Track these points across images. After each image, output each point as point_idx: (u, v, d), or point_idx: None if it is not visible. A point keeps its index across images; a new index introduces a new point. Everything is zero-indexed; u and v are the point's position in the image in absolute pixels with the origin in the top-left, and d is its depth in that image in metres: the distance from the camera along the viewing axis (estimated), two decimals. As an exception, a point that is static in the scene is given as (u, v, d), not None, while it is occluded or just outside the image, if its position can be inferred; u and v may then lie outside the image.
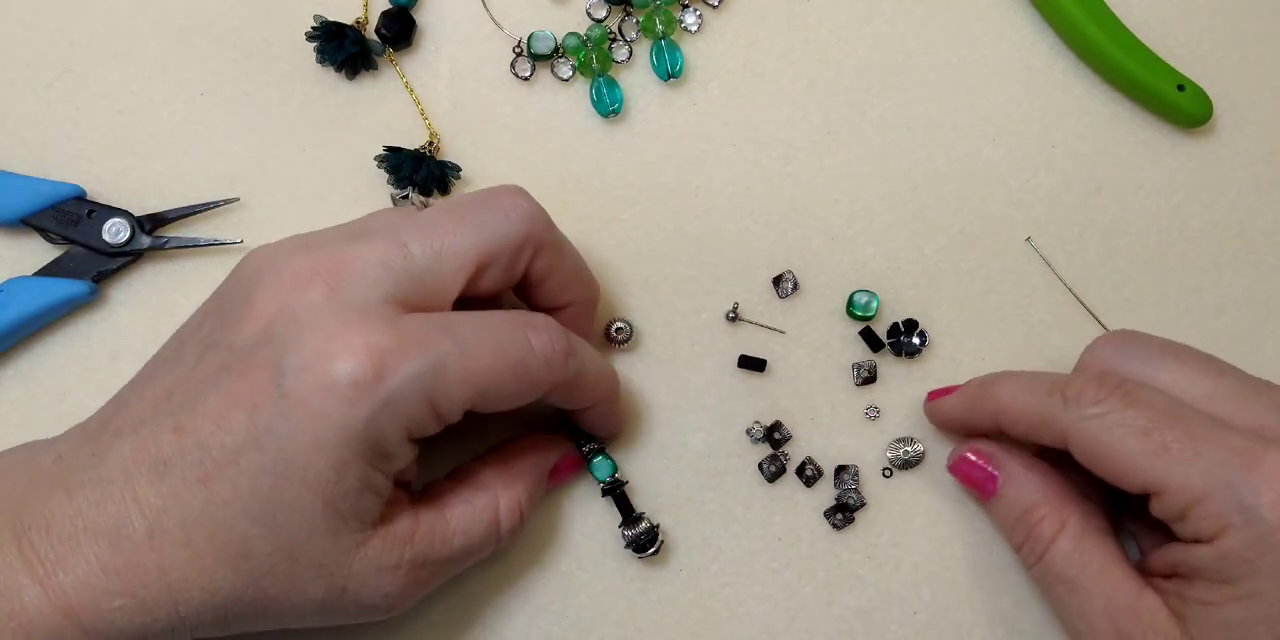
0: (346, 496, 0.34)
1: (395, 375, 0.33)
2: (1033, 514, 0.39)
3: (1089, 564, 0.38)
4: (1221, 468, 0.34)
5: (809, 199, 0.46)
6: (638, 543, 0.42)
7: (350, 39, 0.45)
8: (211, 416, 0.33)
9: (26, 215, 0.44)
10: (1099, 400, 0.37)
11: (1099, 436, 0.36)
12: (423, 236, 0.36)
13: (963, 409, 0.42)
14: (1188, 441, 0.35)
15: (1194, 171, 0.47)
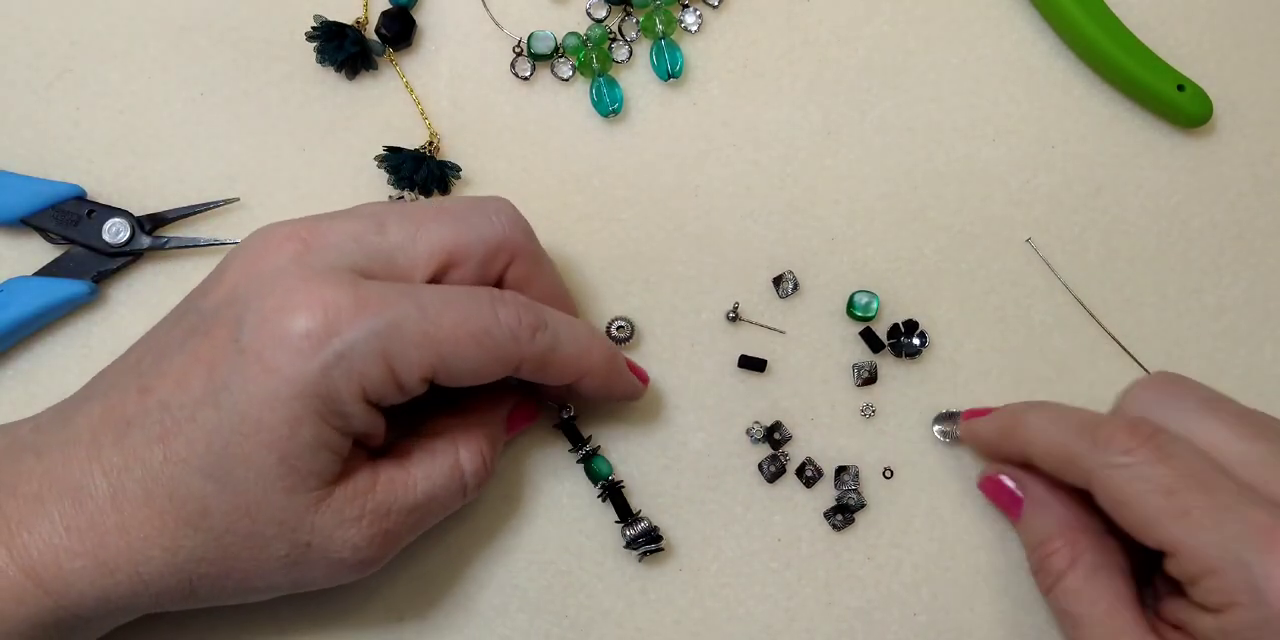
0: (301, 453, 0.34)
1: (350, 329, 0.33)
2: (1048, 545, 0.39)
3: (1096, 603, 0.37)
4: (1238, 543, 0.33)
5: (809, 199, 0.46)
6: (637, 542, 0.42)
7: (350, 39, 0.45)
8: (174, 376, 0.34)
9: (26, 215, 0.44)
10: (1129, 450, 0.36)
11: (1122, 488, 0.36)
12: (402, 219, 0.37)
13: (994, 434, 0.42)
14: (1210, 509, 0.34)
15: (1194, 172, 0.47)
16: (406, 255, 0.36)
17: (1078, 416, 0.39)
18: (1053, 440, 0.38)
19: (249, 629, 0.42)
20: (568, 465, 0.44)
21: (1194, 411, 0.37)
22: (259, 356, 0.33)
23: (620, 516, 0.43)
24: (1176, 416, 0.37)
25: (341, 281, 0.34)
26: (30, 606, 0.33)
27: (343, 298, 0.33)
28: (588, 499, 0.43)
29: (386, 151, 0.45)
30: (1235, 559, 0.33)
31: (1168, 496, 0.35)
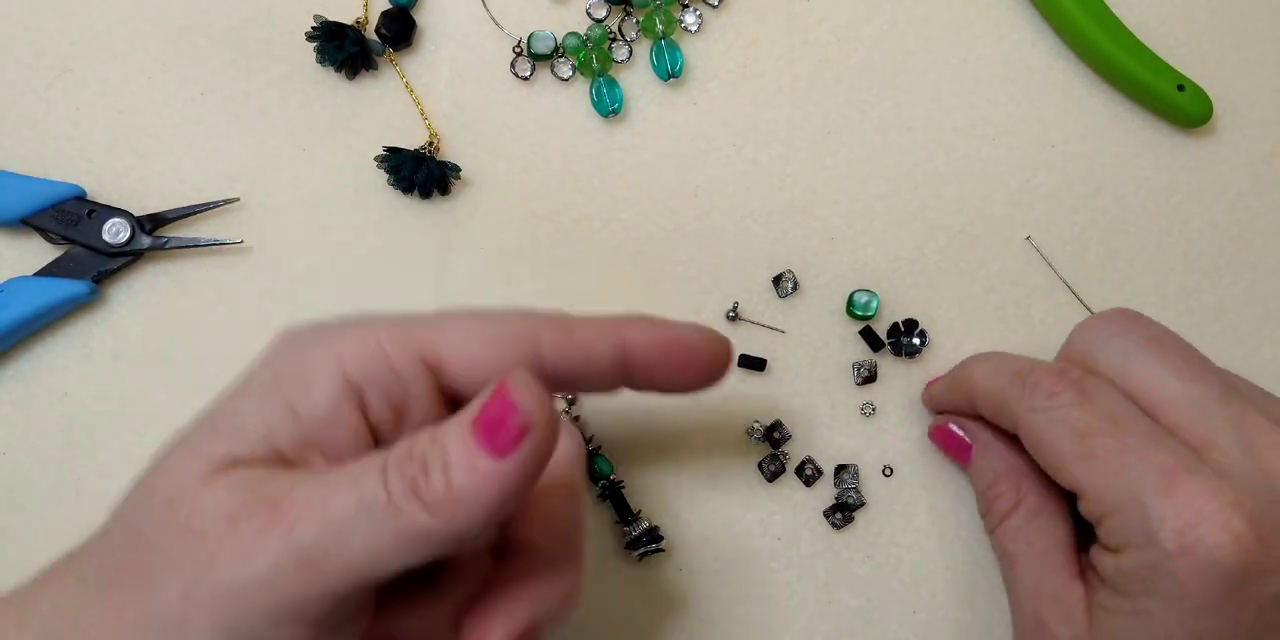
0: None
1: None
2: (995, 488, 0.40)
3: (1033, 543, 0.38)
4: (1138, 485, 0.34)
5: (809, 199, 0.46)
6: (638, 543, 0.42)
7: (350, 39, 0.45)
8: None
9: (26, 215, 0.44)
10: (1052, 394, 0.36)
11: (1040, 431, 0.37)
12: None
13: (944, 389, 0.43)
14: (1116, 452, 0.34)
15: (1194, 171, 0.47)
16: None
17: (1016, 364, 0.39)
18: (990, 386, 0.39)
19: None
20: (568, 465, 0.44)
21: (1138, 348, 0.37)
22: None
23: (620, 516, 0.43)
24: (1119, 351, 0.37)
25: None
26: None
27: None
28: (587, 500, 0.43)
29: (386, 151, 0.45)
30: (1133, 500, 0.34)
31: (1079, 439, 0.35)
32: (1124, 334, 0.38)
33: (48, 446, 0.44)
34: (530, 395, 0.27)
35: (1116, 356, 0.37)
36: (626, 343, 0.33)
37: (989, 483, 0.41)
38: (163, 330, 0.45)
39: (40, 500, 0.43)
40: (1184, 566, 0.33)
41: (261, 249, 0.45)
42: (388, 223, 0.46)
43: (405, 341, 0.31)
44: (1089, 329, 0.39)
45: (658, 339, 0.33)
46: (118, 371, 0.44)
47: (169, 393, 0.44)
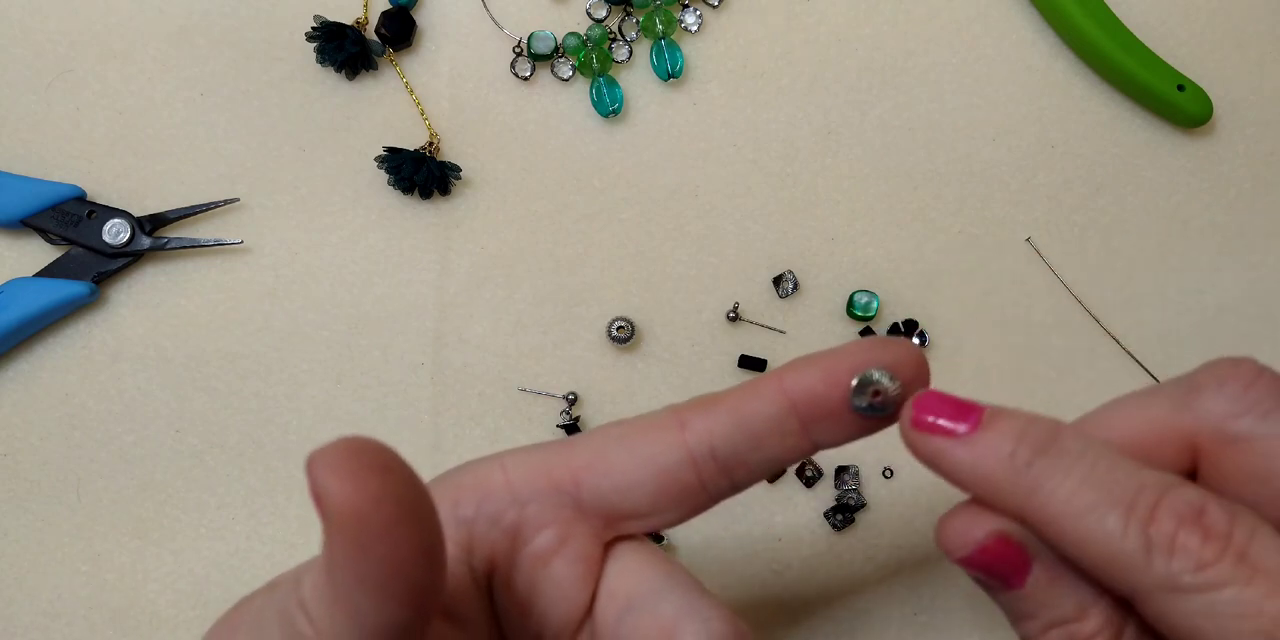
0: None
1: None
2: (1083, 623, 0.27)
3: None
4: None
5: (809, 199, 0.46)
6: (638, 543, 0.42)
7: (350, 39, 0.45)
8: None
9: (26, 216, 0.44)
10: (1202, 563, 0.25)
11: (1192, 621, 0.25)
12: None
13: (980, 482, 0.28)
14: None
15: (1194, 172, 0.47)
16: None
17: (1117, 485, 0.26)
18: (1088, 529, 0.26)
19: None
20: (568, 465, 0.44)
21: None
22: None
23: (621, 517, 0.43)
24: (1269, 429, 0.27)
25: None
26: None
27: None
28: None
29: (386, 152, 0.45)
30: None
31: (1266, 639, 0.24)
32: (1274, 408, 0.27)
33: (49, 447, 0.44)
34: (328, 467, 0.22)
35: (1266, 433, 0.27)
36: (787, 390, 0.28)
37: (1067, 616, 0.27)
38: (163, 330, 0.45)
39: (42, 501, 0.43)
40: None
41: (261, 249, 0.45)
42: (388, 223, 0.46)
43: (537, 470, 0.28)
44: (1226, 395, 0.28)
45: (825, 373, 0.28)
46: (118, 372, 0.44)
47: (169, 393, 0.44)
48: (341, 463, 0.21)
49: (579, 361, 0.45)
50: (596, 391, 0.44)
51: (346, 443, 0.22)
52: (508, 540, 0.27)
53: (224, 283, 0.45)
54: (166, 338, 0.45)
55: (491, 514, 0.27)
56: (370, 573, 0.22)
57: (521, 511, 0.27)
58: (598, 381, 0.45)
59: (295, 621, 0.24)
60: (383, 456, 0.22)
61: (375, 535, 0.22)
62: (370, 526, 0.21)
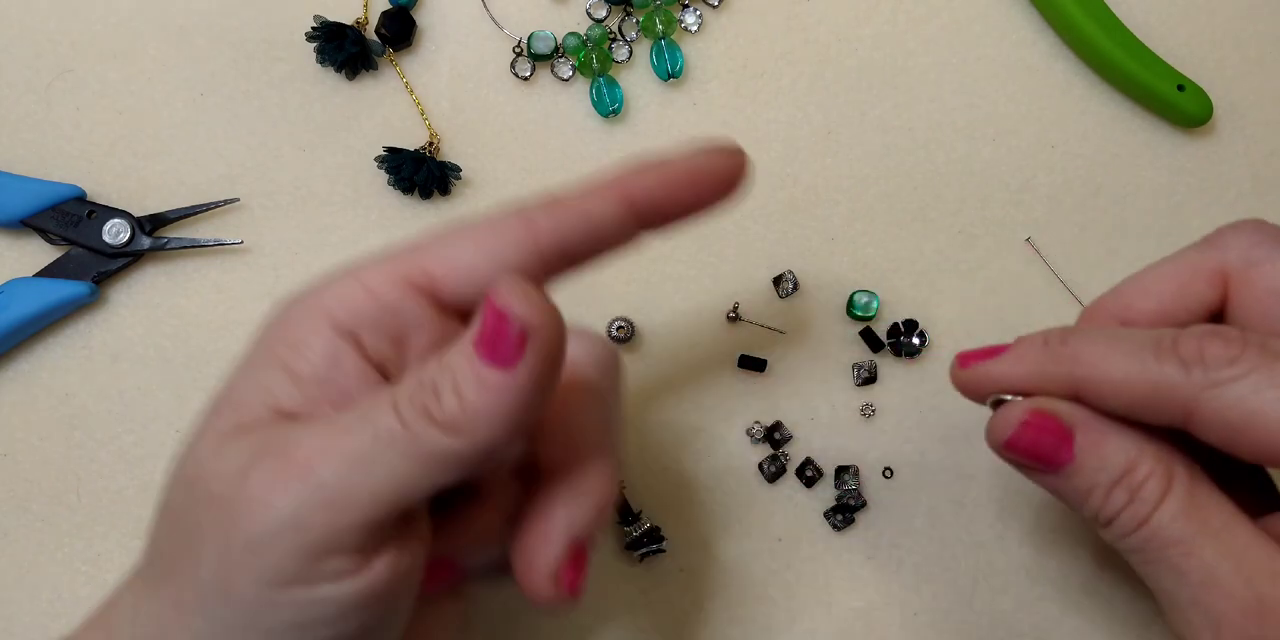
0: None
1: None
2: (1132, 473, 0.31)
3: (1208, 521, 0.30)
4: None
5: (809, 199, 0.46)
6: (639, 543, 0.42)
7: (350, 39, 0.45)
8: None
9: (27, 216, 0.44)
10: (1233, 359, 0.29)
11: (1244, 404, 0.28)
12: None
13: (1027, 375, 0.32)
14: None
15: (1194, 171, 0.47)
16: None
17: (1141, 339, 0.31)
18: (1126, 373, 0.30)
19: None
20: (568, 465, 0.44)
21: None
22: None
23: (621, 517, 0.43)
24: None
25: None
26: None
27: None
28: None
29: (386, 152, 0.45)
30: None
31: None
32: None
33: (49, 447, 0.44)
34: (521, 300, 0.27)
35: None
36: (629, 196, 0.31)
37: (1122, 469, 0.31)
38: (163, 330, 0.45)
39: (42, 501, 0.43)
40: None
41: (261, 249, 0.45)
42: (388, 223, 0.46)
43: (389, 273, 0.30)
44: (1243, 233, 0.33)
45: (662, 181, 0.32)
46: (118, 372, 0.44)
47: (169, 393, 0.44)
48: (531, 293, 0.27)
49: (579, 361, 0.45)
50: (596, 391, 0.44)
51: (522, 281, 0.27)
52: (392, 347, 0.30)
53: (224, 283, 0.45)
54: (166, 338, 0.45)
55: (372, 325, 0.30)
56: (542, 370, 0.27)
57: (395, 318, 0.30)
58: (598, 381, 0.45)
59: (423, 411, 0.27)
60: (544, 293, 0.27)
61: (559, 348, 0.27)
62: (558, 343, 0.27)
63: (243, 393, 0.30)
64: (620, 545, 0.43)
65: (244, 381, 0.30)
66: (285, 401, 0.30)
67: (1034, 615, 0.43)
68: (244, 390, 0.30)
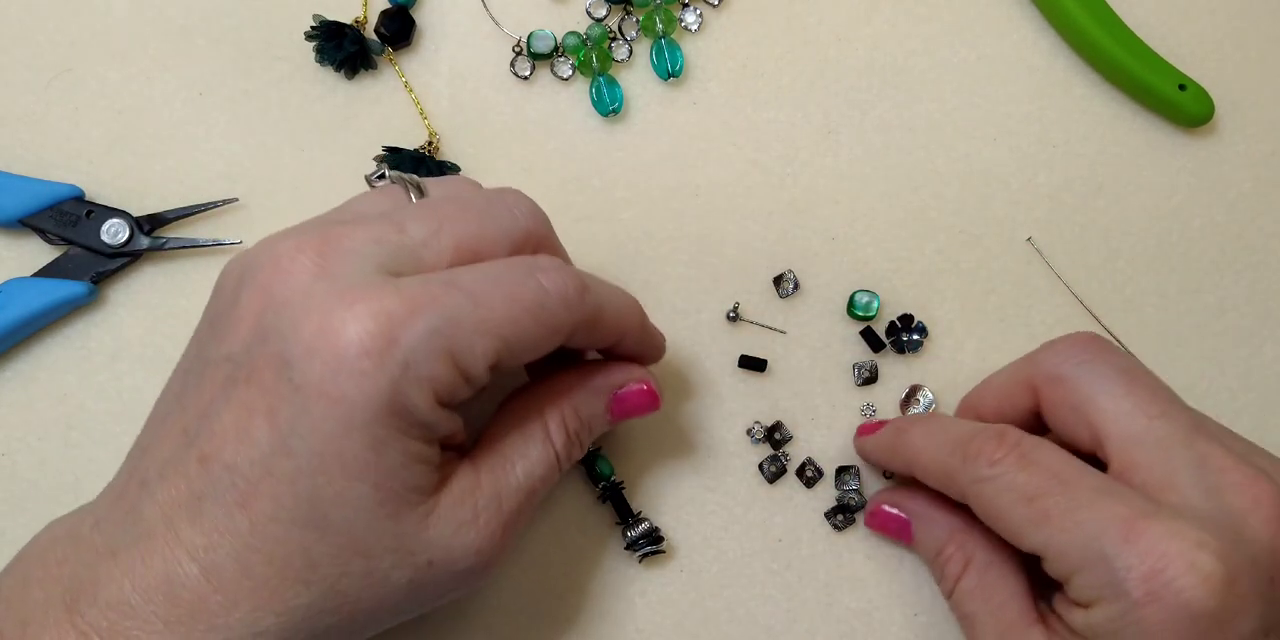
0: (394, 475, 0.31)
1: (408, 335, 0.30)
2: (942, 553, 0.40)
3: (989, 599, 0.38)
4: (1098, 539, 0.33)
5: (809, 199, 0.46)
6: (638, 544, 0.42)
7: (349, 38, 0.45)
8: (231, 435, 0.31)
9: (25, 216, 0.44)
10: (994, 461, 0.36)
11: (989, 501, 0.36)
12: (421, 217, 0.34)
13: (882, 452, 0.42)
14: (1069, 510, 0.34)
15: (1195, 171, 0.47)
16: (432, 251, 0.33)
17: (954, 431, 0.38)
18: (931, 459, 0.39)
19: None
20: (568, 466, 0.44)
21: (1107, 378, 0.37)
22: (320, 390, 0.30)
23: (621, 517, 0.43)
24: (1088, 379, 0.37)
25: (377, 286, 0.31)
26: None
27: (388, 302, 0.30)
28: (587, 500, 0.43)
29: (386, 151, 0.45)
30: (1096, 555, 0.33)
31: (1029, 503, 0.35)
32: (1094, 362, 0.37)
33: (47, 448, 0.44)
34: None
35: (1084, 384, 0.37)
36: (619, 342, 0.38)
37: (936, 550, 0.40)
38: (162, 330, 0.45)
39: (41, 501, 0.43)
40: (1153, 614, 0.32)
41: (261, 249, 0.45)
42: (387, 223, 0.46)
43: (484, 358, 0.32)
44: (1058, 351, 0.38)
45: (636, 347, 0.39)
46: (117, 372, 0.44)
47: (168, 393, 0.44)
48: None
49: (579, 361, 0.45)
50: (596, 392, 0.44)
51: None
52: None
53: (223, 283, 0.45)
54: (165, 338, 0.44)
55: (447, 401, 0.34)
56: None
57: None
58: (597, 382, 0.44)
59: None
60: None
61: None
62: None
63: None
64: (620, 546, 0.43)
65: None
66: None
67: (1035, 616, 0.43)
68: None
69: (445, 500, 0.33)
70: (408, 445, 0.32)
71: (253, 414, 0.31)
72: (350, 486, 0.31)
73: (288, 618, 0.32)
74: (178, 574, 0.31)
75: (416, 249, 0.33)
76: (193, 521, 0.31)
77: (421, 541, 0.33)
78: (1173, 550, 0.32)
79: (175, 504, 0.32)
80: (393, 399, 0.30)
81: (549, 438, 0.36)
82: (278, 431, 0.31)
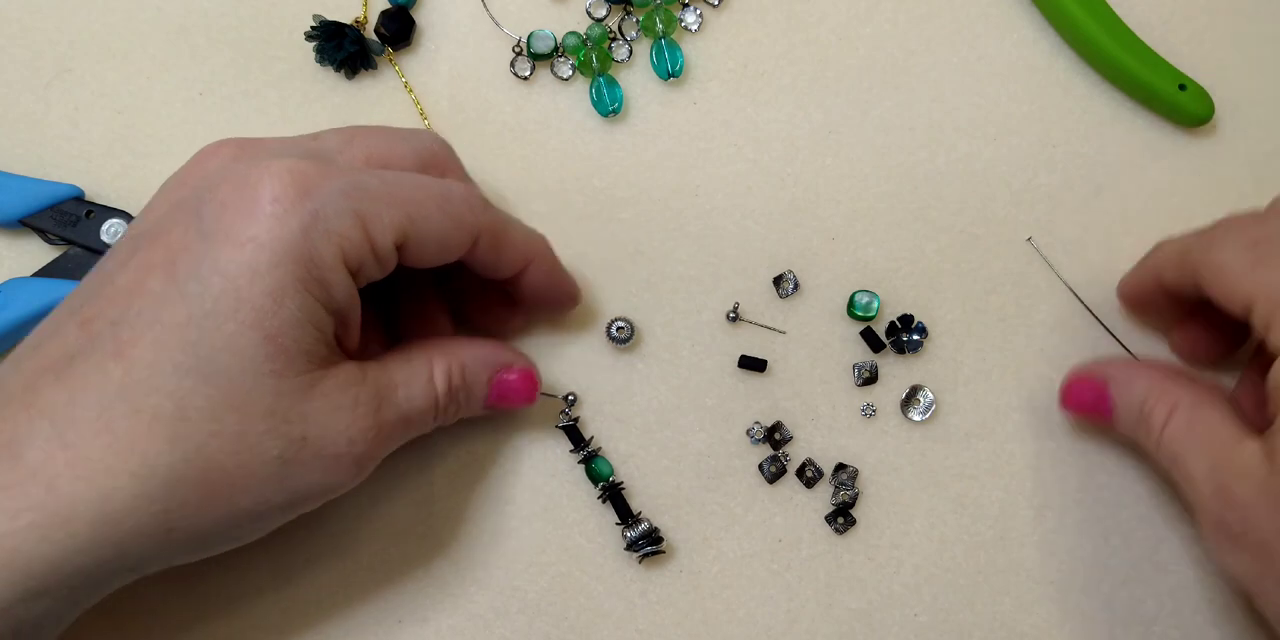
0: (287, 329, 0.31)
1: (320, 189, 0.32)
2: (1145, 405, 0.39)
3: (1197, 433, 0.37)
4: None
5: (809, 199, 0.46)
6: (638, 544, 0.42)
7: (349, 38, 0.45)
8: (122, 293, 0.31)
9: (25, 216, 0.44)
10: (1228, 224, 0.38)
11: (1216, 255, 0.37)
12: (335, 131, 0.37)
13: (1135, 274, 0.43)
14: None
15: (1195, 171, 0.47)
16: (344, 157, 0.36)
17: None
18: (1175, 248, 0.40)
19: (246, 632, 0.42)
20: (567, 467, 0.44)
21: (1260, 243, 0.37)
22: (228, 234, 0.31)
23: (621, 518, 0.43)
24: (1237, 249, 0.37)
25: (293, 157, 0.33)
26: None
27: (302, 165, 0.32)
28: (587, 500, 0.43)
29: (386, 151, 0.45)
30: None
31: (1252, 248, 0.36)
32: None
33: (47, 448, 0.44)
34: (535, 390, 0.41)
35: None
36: (529, 269, 0.39)
37: (1138, 406, 0.39)
38: (162, 331, 0.45)
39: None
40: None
41: (261, 249, 0.45)
42: (387, 223, 0.46)
43: (391, 227, 0.34)
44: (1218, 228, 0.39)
45: (547, 279, 0.40)
46: (117, 372, 0.44)
47: (168, 394, 0.44)
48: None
49: (579, 361, 0.45)
50: (596, 391, 0.44)
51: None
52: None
53: (223, 283, 0.45)
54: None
55: (357, 273, 0.34)
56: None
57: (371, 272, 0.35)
58: (598, 381, 0.44)
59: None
60: None
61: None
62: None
63: (296, 327, 0.32)
64: (620, 546, 0.43)
65: (290, 309, 0.32)
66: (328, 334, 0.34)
67: (1034, 615, 0.43)
68: (296, 324, 0.32)
69: (329, 381, 0.33)
70: (305, 301, 0.32)
71: (150, 269, 0.32)
72: (242, 332, 0.31)
73: (143, 483, 0.30)
74: (24, 433, 0.30)
75: (329, 154, 0.35)
76: (57, 380, 0.31)
77: (298, 412, 0.32)
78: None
79: (42, 369, 0.31)
80: (299, 245, 0.31)
81: (432, 379, 0.37)
82: (175, 279, 0.31)
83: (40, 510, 0.29)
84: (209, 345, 0.31)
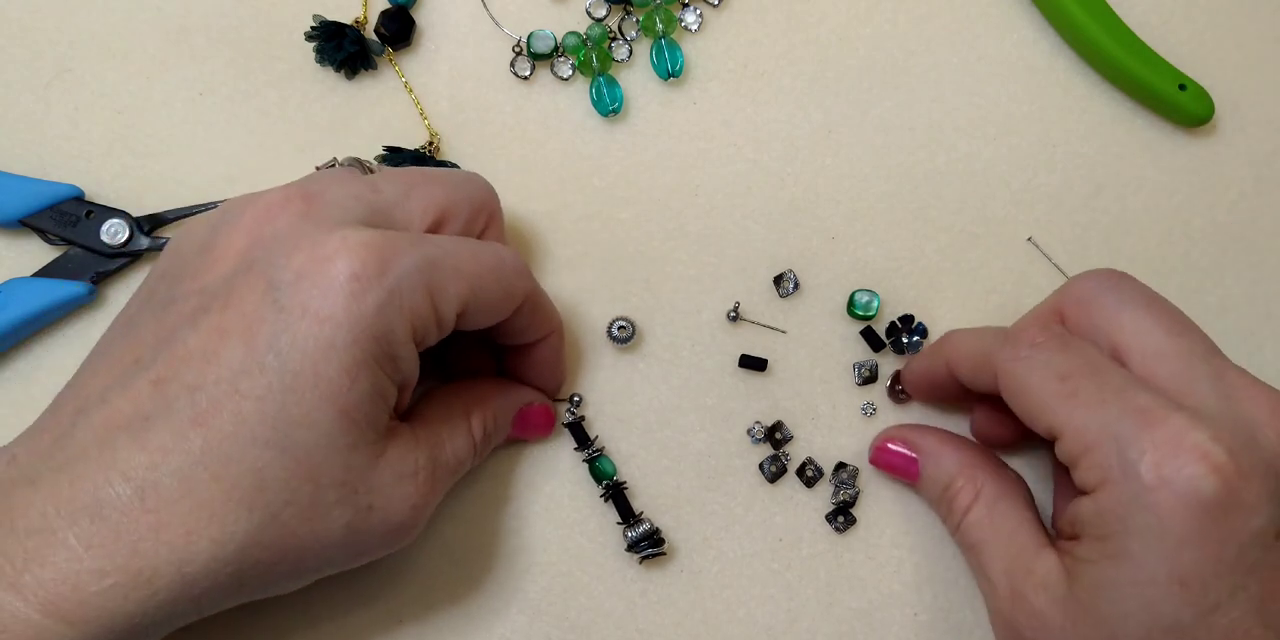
0: (361, 404, 0.33)
1: (397, 265, 0.33)
2: (952, 487, 0.40)
3: (999, 528, 0.39)
4: (1118, 422, 0.34)
5: (809, 199, 0.46)
6: (639, 545, 0.42)
7: (349, 38, 0.45)
8: (196, 357, 0.32)
9: (25, 216, 0.44)
10: (1035, 344, 0.37)
11: (1022, 376, 0.37)
12: (392, 179, 0.37)
13: (924, 361, 0.43)
14: (1097, 392, 0.35)
15: (1195, 171, 0.47)
16: (403, 211, 0.36)
17: (996, 329, 0.41)
18: (970, 347, 0.40)
19: (246, 632, 0.42)
20: (568, 467, 0.44)
21: (1131, 302, 0.37)
22: (306, 309, 0.31)
23: (622, 518, 0.43)
24: (1113, 302, 0.37)
25: (364, 229, 0.33)
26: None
27: (377, 239, 0.33)
28: (588, 500, 0.43)
29: (386, 151, 0.45)
30: (1111, 435, 0.34)
31: (1060, 381, 0.35)
32: (1118, 289, 0.38)
33: (47, 448, 0.44)
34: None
35: (1109, 307, 0.37)
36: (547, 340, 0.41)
37: (944, 484, 0.41)
38: (162, 331, 0.45)
39: (39, 502, 0.43)
40: (1163, 499, 0.32)
41: (261, 249, 0.45)
42: (387, 223, 0.46)
43: (455, 301, 0.35)
44: (1085, 280, 0.39)
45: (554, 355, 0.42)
46: (117, 372, 0.44)
47: (168, 394, 0.44)
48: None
49: (579, 361, 0.45)
50: (597, 391, 0.44)
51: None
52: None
53: (223, 283, 0.45)
54: (165, 338, 0.44)
55: (421, 342, 0.35)
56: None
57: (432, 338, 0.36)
58: (598, 381, 0.44)
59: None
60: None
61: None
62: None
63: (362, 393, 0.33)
64: (621, 546, 0.43)
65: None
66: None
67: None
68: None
69: (392, 451, 0.35)
70: (378, 377, 0.33)
71: (225, 336, 0.32)
72: (319, 407, 0.32)
73: (221, 548, 0.31)
74: (108, 495, 0.30)
75: (390, 208, 0.36)
76: (135, 440, 0.31)
77: (367, 482, 0.34)
78: (1188, 440, 0.33)
79: (115, 426, 0.31)
80: (376, 324, 0.32)
81: (471, 432, 0.39)
82: (253, 350, 0.31)
83: (124, 572, 0.30)
84: (287, 419, 0.31)
